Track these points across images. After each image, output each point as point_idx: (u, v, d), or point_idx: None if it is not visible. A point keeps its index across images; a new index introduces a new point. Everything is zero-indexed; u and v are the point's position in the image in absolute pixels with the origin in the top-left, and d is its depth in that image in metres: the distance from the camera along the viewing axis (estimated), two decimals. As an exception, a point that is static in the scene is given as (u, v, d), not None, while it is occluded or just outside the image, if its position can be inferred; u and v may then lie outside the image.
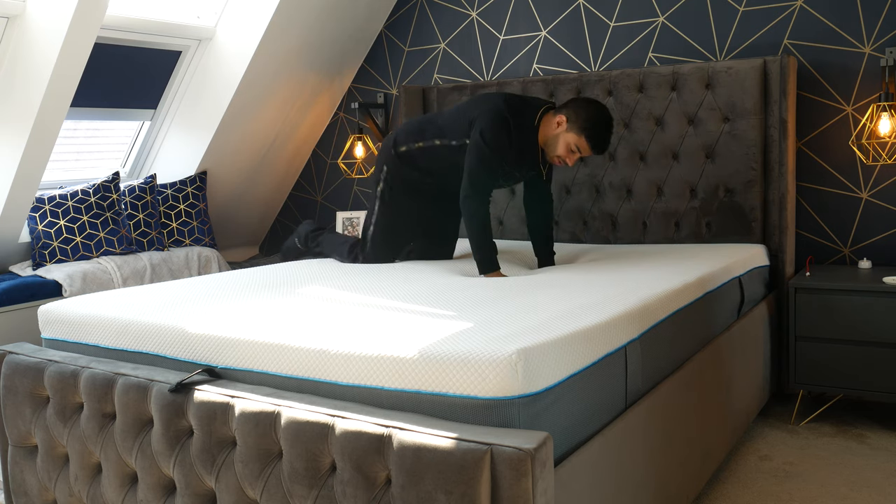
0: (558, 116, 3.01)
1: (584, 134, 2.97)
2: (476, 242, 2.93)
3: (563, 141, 3.00)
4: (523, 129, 3.02)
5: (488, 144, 2.97)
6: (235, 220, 4.95)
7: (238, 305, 2.31)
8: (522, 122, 3.02)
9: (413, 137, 3.20)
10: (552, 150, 3.04)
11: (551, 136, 3.03)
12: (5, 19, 3.36)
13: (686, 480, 2.38)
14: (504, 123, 2.98)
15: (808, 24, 3.59)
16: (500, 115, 2.99)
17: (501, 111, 3.00)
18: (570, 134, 2.98)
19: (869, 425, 3.33)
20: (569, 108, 3.02)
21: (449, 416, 1.68)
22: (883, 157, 3.49)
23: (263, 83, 4.33)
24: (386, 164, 3.25)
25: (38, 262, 3.79)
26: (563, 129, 3.00)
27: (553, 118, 3.04)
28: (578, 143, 2.99)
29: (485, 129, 2.98)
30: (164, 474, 1.98)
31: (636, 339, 2.15)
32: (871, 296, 3.14)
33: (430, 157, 3.17)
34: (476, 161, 2.98)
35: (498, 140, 2.98)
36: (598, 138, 2.97)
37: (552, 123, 3.03)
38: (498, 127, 2.98)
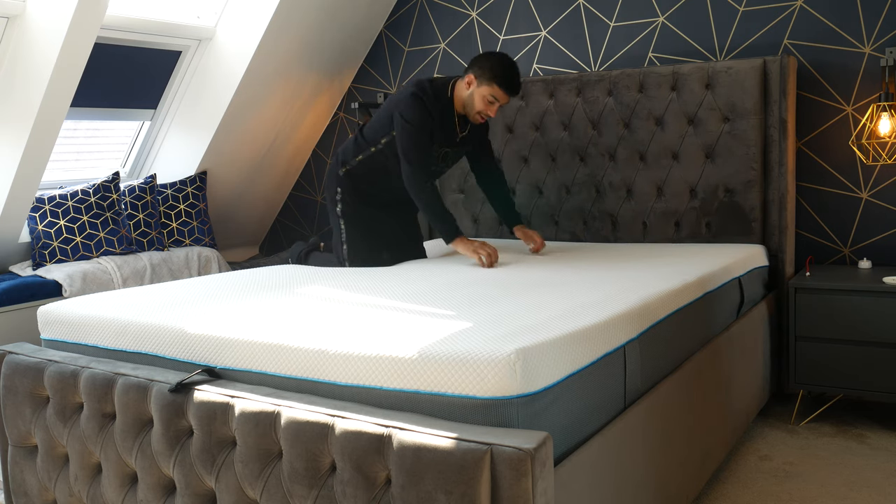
0: (466, 77, 3.18)
1: (494, 82, 3.12)
2: (433, 215, 3.12)
3: (478, 96, 3.15)
4: (440, 102, 3.20)
5: (410, 122, 3.14)
6: (235, 220, 4.95)
7: (238, 306, 2.31)
8: (437, 97, 3.20)
9: (351, 154, 3.37)
10: (471, 108, 3.19)
11: (466, 96, 3.19)
12: (5, 19, 3.36)
13: (686, 480, 2.38)
14: (419, 102, 3.15)
15: (808, 24, 3.59)
16: (414, 97, 3.16)
17: (414, 93, 3.17)
18: (482, 87, 3.14)
19: (869, 425, 3.33)
20: (472, 66, 3.18)
21: (448, 415, 1.68)
22: (883, 157, 3.49)
23: (263, 83, 4.33)
24: (338, 185, 3.39)
25: (38, 262, 3.79)
26: (474, 85, 3.16)
27: (462, 82, 3.20)
28: (493, 93, 3.14)
29: (403, 112, 3.16)
30: (164, 474, 1.98)
31: (635, 338, 2.15)
32: (871, 296, 3.14)
33: (370, 167, 3.33)
34: (405, 141, 3.15)
35: (416, 116, 3.14)
36: (508, 81, 3.13)
37: (462, 86, 3.20)
38: (414, 105, 3.14)
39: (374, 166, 3.32)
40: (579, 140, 3.88)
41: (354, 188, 3.36)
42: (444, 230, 3.12)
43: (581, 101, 3.86)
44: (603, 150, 3.83)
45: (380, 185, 3.36)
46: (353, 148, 3.37)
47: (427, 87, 3.21)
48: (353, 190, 3.36)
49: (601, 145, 3.83)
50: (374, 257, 3.32)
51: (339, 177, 3.38)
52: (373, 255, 3.33)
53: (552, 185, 3.98)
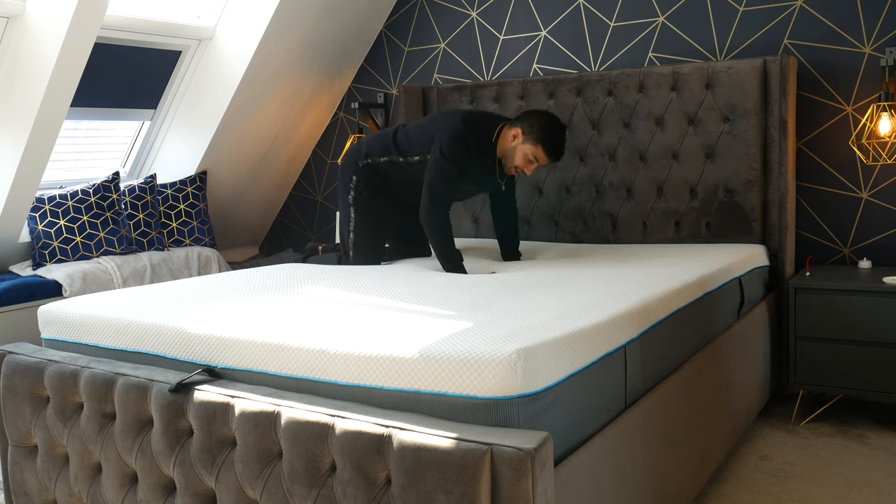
0: (514, 130, 3.14)
1: (540, 144, 3.09)
2: (442, 254, 3.07)
3: (521, 152, 3.12)
4: (482, 146, 3.16)
5: (447, 158, 3.09)
6: (235, 220, 4.95)
7: (238, 305, 2.31)
8: (481, 139, 3.16)
9: (378, 152, 3.34)
10: (510, 161, 3.17)
11: (508, 148, 3.15)
12: (5, 19, 3.36)
13: (686, 480, 2.38)
14: (462, 141, 3.11)
15: (808, 24, 3.59)
16: (458, 133, 3.11)
17: (460, 129, 3.12)
18: (527, 145, 3.11)
19: (869, 425, 3.32)
20: (523, 120, 3.15)
21: (448, 415, 1.68)
22: (883, 157, 3.49)
23: (263, 83, 4.33)
24: (354, 174, 3.36)
25: (38, 261, 3.79)
26: (518, 141, 3.12)
27: (509, 132, 3.16)
28: (535, 153, 3.12)
29: (444, 145, 3.10)
30: (164, 474, 1.98)
31: (636, 338, 2.15)
32: (871, 296, 3.14)
33: (393, 172, 3.32)
34: (436, 176, 3.11)
35: (456, 155, 3.10)
36: (553, 146, 3.11)
37: (508, 137, 3.16)
38: (456, 143, 3.10)
39: (395, 172, 3.31)
40: (579, 140, 3.88)
41: (370, 182, 3.34)
42: (450, 270, 3.04)
43: (581, 101, 3.86)
44: (603, 150, 3.83)
45: (394, 189, 3.36)
46: (381, 146, 3.33)
47: (477, 125, 3.17)
48: (368, 182, 3.33)
49: (601, 145, 3.83)
50: (378, 249, 3.33)
51: (357, 166, 3.36)
52: (378, 248, 3.33)
53: (552, 185, 3.98)
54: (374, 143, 3.36)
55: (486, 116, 3.25)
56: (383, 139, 3.35)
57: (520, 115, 3.19)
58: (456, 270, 3.03)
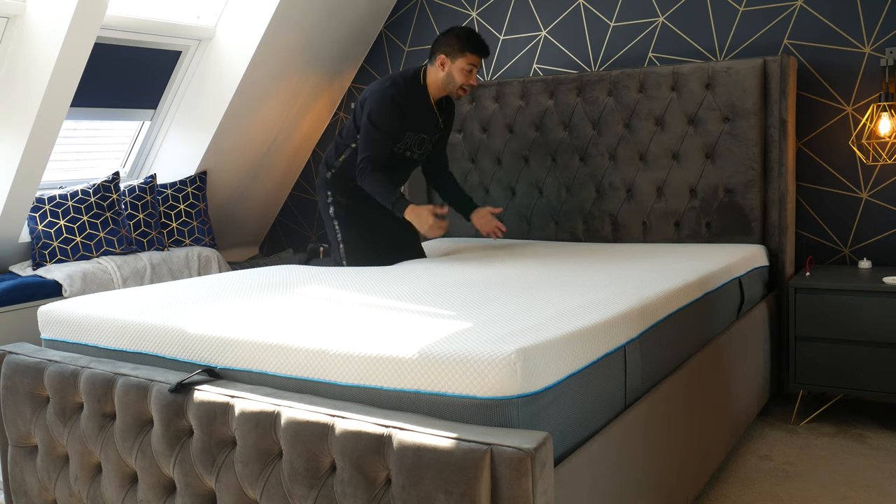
0: (438, 59, 3.30)
1: (466, 51, 3.27)
2: (380, 195, 3.23)
3: (457, 69, 3.29)
4: (411, 91, 3.31)
5: (374, 125, 3.24)
6: (235, 220, 4.95)
7: (238, 306, 2.31)
8: (411, 88, 3.31)
9: (333, 156, 3.47)
10: (453, 84, 3.32)
11: (443, 76, 3.31)
12: (5, 19, 3.36)
13: (686, 480, 2.38)
14: (389, 100, 3.24)
15: (808, 24, 3.59)
16: (384, 95, 3.25)
17: (385, 91, 3.26)
18: (457, 61, 3.28)
19: (869, 425, 3.33)
20: (436, 49, 3.31)
21: (448, 415, 1.68)
22: (883, 157, 3.49)
23: (263, 83, 4.33)
24: (328, 189, 3.47)
25: (38, 262, 3.79)
26: (448, 64, 3.30)
27: (434, 66, 3.32)
28: (469, 61, 3.29)
29: (371, 111, 3.25)
30: (164, 474, 1.98)
31: (636, 338, 2.15)
32: (871, 296, 3.14)
33: (353, 166, 3.38)
34: (367, 140, 3.26)
35: (385, 119, 3.24)
36: (478, 45, 3.29)
37: (436, 69, 3.32)
38: (382, 105, 3.25)
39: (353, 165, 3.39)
40: (579, 140, 3.88)
41: (343, 189, 3.43)
42: (393, 204, 3.21)
43: (581, 101, 3.86)
44: (603, 150, 3.83)
45: None
46: (335, 150, 3.47)
47: (399, 81, 3.30)
48: (343, 191, 3.43)
49: (601, 145, 3.83)
50: (371, 256, 3.36)
51: (326, 180, 3.47)
52: (370, 254, 3.37)
53: (552, 185, 3.98)
54: (329, 153, 3.49)
55: (407, 70, 3.40)
56: (332, 147, 3.49)
57: (432, 50, 3.34)
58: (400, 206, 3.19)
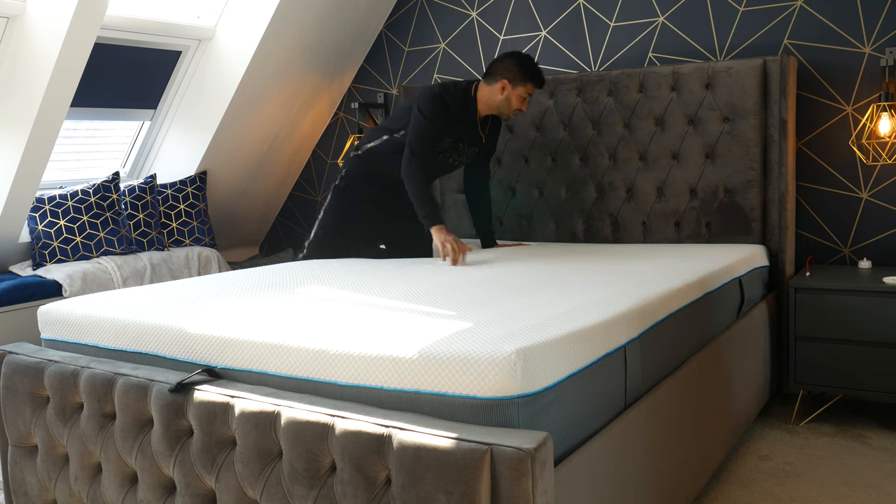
0: (500, 83, 3.39)
1: (528, 81, 3.39)
2: (418, 201, 3.29)
3: (516, 96, 3.40)
4: (461, 100, 3.43)
5: (424, 115, 3.35)
6: (235, 220, 4.95)
7: (238, 305, 2.31)
8: (458, 94, 3.43)
9: (367, 140, 3.60)
10: (508, 109, 3.44)
11: (501, 100, 3.41)
12: (5, 19, 3.36)
13: (686, 480, 2.38)
14: (440, 99, 3.38)
15: (808, 24, 3.59)
16: (434, 94, 3.39)
17: (436, 91, 3.40)
18: (518, 88, 3.39)
19: (869, 425, 3.32)
20: (500, 72, 3.39)
21: (448, 415, 1.68)
22: (883, 157, 3.49)
23: (263, 83, 4.33)
24: (346, 167, 3.61)
25: (38, 262, 3.79)
26: (509, 89, 3.39)
27: (493, 87, 3.40)
28: (526, 90, 3.41)
29: (422, 105, 3.37)
30: (164, 474, 1.98)
31: (636, 338, 2.15)
32: (871, 296, 3.14)
33: (383, 153, 3.50)
34: (414, 132, 3.36)
35: (434, 111, 3.35)
36: (538, 77, 3.41)
37: (495, 91, 3.40)
38: (433, 102, 3.37)
39: (383, 153, 3.50)
40: (579, 140, 3.88)
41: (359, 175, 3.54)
42: (425, 216, 3.26)
43: (581, 101, 3.86)
44: (603, 150, 3.83)
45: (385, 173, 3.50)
46: (370, 134, 3.60)
47: (450, 86, 3.45)
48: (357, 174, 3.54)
49: (601, 145, 3.83)
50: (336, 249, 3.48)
51: (349, 159, 3.61)
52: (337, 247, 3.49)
53: (552, 185, 3.98)
54: (365, 136, 3.63)
55: (460, 81, 3.51)
56: (371, 130, 3.66)
57: (492, 70, 3.41)
58: (431, 220, 3.23)
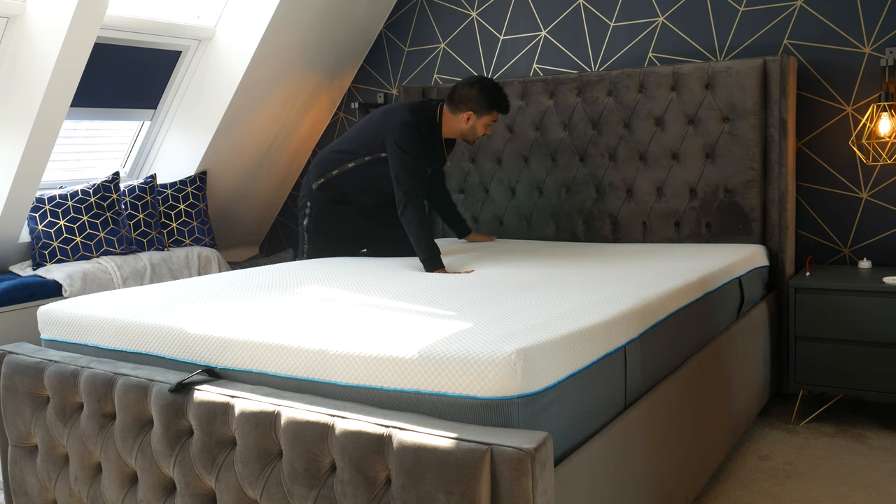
0: (463, 115, 3.34)
1: (493, 109, 3.35)
2: (419, 245, 3.14)
3: (481, 125, 3.38)
4: (432, 131, 3.38)
5: (407, 151, 3.26)
6: (235, 220, 4.95)
7: (238, 306, 2.31)
8: (430, 125, 3.37)
9: (326, 168, 3.47)
10: (473, 136, 3.42)
11: (467, 129, 3.38)
12: (5, 19, 3.36)
13: (686, 480, 2.38)
14: (416, 131, 3.30)
15: (808, 24, 3.59)
16: (411, 125, 3.30)
17: (411, 121, 3.31)
18: (482, 118, 3.36)
19: (869, 425, 3.32)
20: (463, 102, 3.34)
21: (448, 415, 1.68)
22: (883, 157, 3.49)
23: (263, 83, 4.33)
24: (309, 200, 3.51)
25: (38, 262, 3.79)
26: (474, 119, 3.35)
27: (458, 117, 3.36)
28: (492, 118, 3.39)
29: (399, 140, 3.28)
30: (164, 474, 1.98)
31: (636, 338, 2.15)
32: (871, 296, 3.13)
33: (348, 182, 3.43)
34: (401, 170, 3.26)
35: (415, 146, 3.28)
36: (502, 105, 3.36)
37: (459, 120, 3.36)
38: (411, 135, 3.29)
39: (351, 181, 3.43)
40: (579, 140, 3.88)
41: (325, 205, 3.47)
42: (426, 260, 3.09)
43: (581, 101, 3.86)
44: (603, 150, 3.83)
45: (358, 196, 3.47)
46: (327, 162, 3.47)
47: (420, 114, 3.36)
48: (323, 207, 3.47)
49: (601, 145, 3.83)
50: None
51: (311, 191, 3.50)
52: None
53: (552, 185, 3.98)
54: (320, 164, 3.49)
55: (425, 104, 3.44)
56: (327, 156, 3.50)
57: (456, 98, 3.35)
58: (433, 262, 3.08)
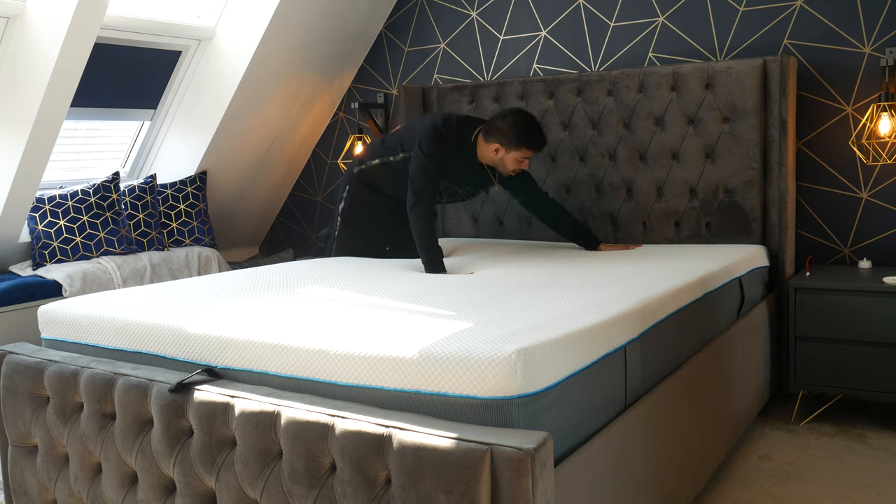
0: (493, 146, 3.31)
1: (523, 146, 3.29)
2: (422, 246, 3.16)
3: (510, 159, 3.31)
4: (459, 142, 3.36)
5: (425, 153, 3.29)
6: (235, 220, 4.95)
7: (238, 305, 2.31)
8: (457, 137, 3.36)
9: (370, 157, 3.56)
10: (504, 170, 3.36)
11: (497, 160, 3.34)
12: (5, 19, 3.36)
13: (686, 480, 2.38)
14: (439, 136, 3.31)
15: (808, 24, 3.59)
16: (435, 130, 3.32)
17: (437, 127, 3.33)
18: (511, 153, 3.30)
19: (869, 425, 3.33)
20: (495, 134, 3.31)
21: (448, 415, 1.68)
22: (883, 157, 3.49)
23: (263, 83, 4.33)
24: (349, 184, 3.59)
25: (38, 262, 3.79)
26: (503, 152, 3.31)
27: (489, 146, 3.33)
28: (523, 154, 3.31)
29: (422, 141, 3.31)
30: (164, 474, 1.98)
31: (636, 338, 2.15)
32: (871, 296, 3.13)
33: (383, 174, 3.50)
34: (416, 170, 3.29)
35: (433, 149, 3.29)
36: (534, 142, 3.30)
37: (490, 151, 3.33)
38: (433, 139, 3.30)
39: (385, 173, 3.49)
40: (579, 140, 3.88)
41: (361, 192, 3.53)
42: (428, 262, 3.10)
43: (581, 101, 3.86)
44: (603, 150, 3.83)
45: (387, 195, 3.52)
46: (372, 151, 3.56)
47: (453, 125, 3.36)
48: (359, 193, 3.54)
49: (601, 145, 3.83)
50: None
51: (352, 175, 3.59)
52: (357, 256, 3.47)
53: (552, 185, 3.98)
54: (367, 151, 3.60)
55: (464, 119, 3.43)
56: (374, 145, 3.61)
57: (489, 128, 3.32)
58: (434, 265, 3.08)
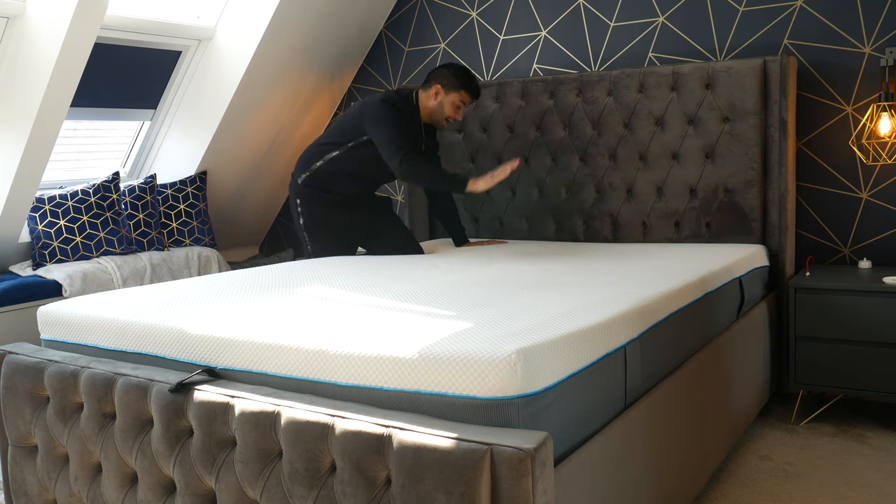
0: (433, 88, 3.45)
1: (462, 88, 3.44)
2: (442, 183, 3.30)
3: (448, 102, 3.45)
4: (406, 107, 3.44)
5: (384, 118, 3.32)
6: (235, 220, 4.95)
7: (238, 306, 2.31)
8: (404, 102, 3.44)
9: (308, 162, 3.51)
10: (441, 115, 3.47)
11: (434, 105, 3.46)
12: (5, 19, 3.36)
13: (686, 480, 2.38)
14: (391, 104, 3.38)
15: (808, 24, 3.59)
16: (385, 101, 3.38)
17: (385, 99, 3.40)
18: (451, 94, 3.44)
19: (869, 425, 3.33)
20: (435, 79, 3.46)
21: (448, 415, 1.68)
22: (883, 157, 3.49)
23: (263, 83, 4.33)
24: (298, 197, 3.53)
25: (38, 262, 3.79)
26: (441, 94, 3.44)
27: (428, 92, 3.46)
28: (461, 98, 3.46)
29: (377, 114, 3.35)
30: (164, 474, 1.98)
31: (636, 338, 2.15)
32: (871, 296, 3.14)
33: (332, 171, 3.48)
34: (383, 134, 3.31)
35: (394, 116, 3.34)
36: (471, 86, 3.46)
37: (429, 96, 3.46)
38: (389, 108, 3.36)
39: (338, 166, 3.47)
40: (579, 140, 3.88)
41: (313, 195, 3.50)
42: (458, 186, 3.25)
43: (581, 101, 3.86)
44: (603, 150, 3.83)
45: (340, 187, 3.49)
46: (309, 157, 3.51)
47: (393, 94, 3.44)
48: (313, 199, 3.50)
49: (601, 145, 3.83)
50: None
51: (297, 186, 3.53)
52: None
53: (552, 185, 3.98)
54: (304, 159, 3.53)
55: (400, 90, 3.51)
56: (310, 150, 3.54)
57: (429, 77, 3.48)
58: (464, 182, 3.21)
